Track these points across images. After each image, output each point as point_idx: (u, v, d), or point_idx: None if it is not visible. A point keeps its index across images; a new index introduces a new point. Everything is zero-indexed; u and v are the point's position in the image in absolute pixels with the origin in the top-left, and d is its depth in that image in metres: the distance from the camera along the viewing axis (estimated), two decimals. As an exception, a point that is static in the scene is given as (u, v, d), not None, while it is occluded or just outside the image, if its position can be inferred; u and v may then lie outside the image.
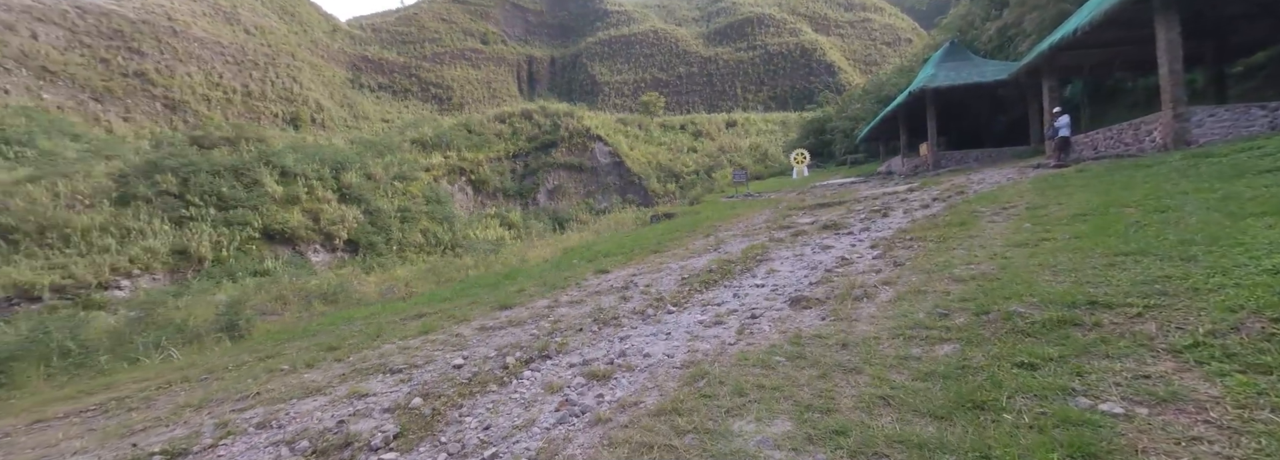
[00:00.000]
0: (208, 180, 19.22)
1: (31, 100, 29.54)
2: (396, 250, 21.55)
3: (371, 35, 54.53)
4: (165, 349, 8.07)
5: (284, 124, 39.84)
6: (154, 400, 4.99)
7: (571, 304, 6.26)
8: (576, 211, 30.13)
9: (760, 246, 7.68)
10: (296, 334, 7.93)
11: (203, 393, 4.87)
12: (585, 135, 33.41)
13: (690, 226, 12.45)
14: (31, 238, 15.99)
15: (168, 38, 36.61)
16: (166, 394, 5.19)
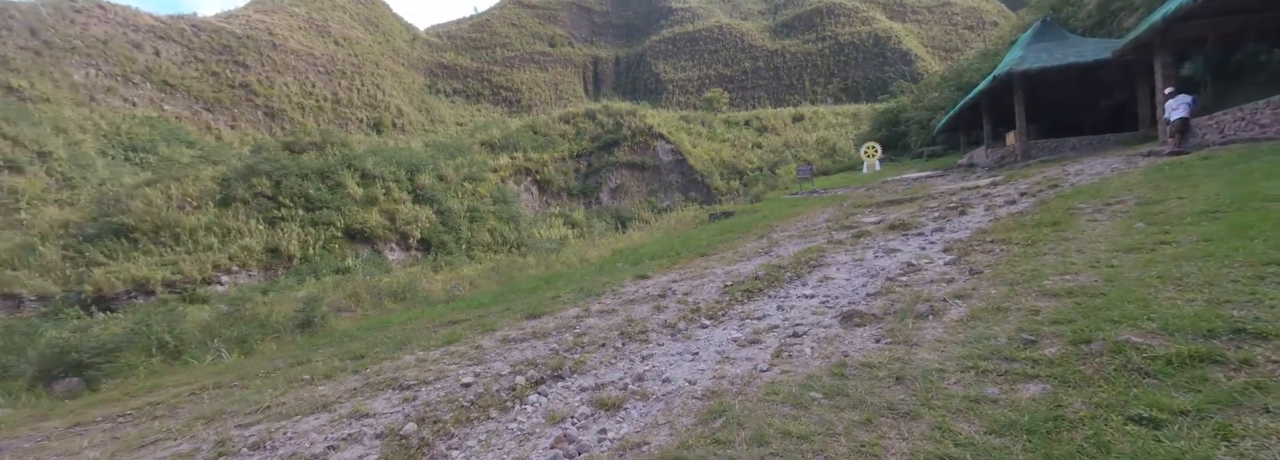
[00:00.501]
0: (297, 183, 20.63)
1: (154, 111, 33.10)
2: (465, 249, 22.25)
3: (447, 42, 57.11)
4: (219, 349, 8.43)
5: (368, 129, 42.44)
6: (179, 408, 5.12)
7: (602, 314, 5.95)
8: (638, 210, 30.02)
9: (816, 249, 7.09)
10: (347, 335, 8.12)
11: (223, 402, 4.91)
12: (647, 133, 33.23)
13: (746, 226, 11.91)
14: (148, 236, 17.78)
15: (268, 51, 39.90)
16: (194, 402, 5.31)
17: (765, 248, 8.29)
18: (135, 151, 29.72)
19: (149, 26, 35.14)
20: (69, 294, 15.83)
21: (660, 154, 34.10)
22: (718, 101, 48.11)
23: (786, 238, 8.99)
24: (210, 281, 16.99)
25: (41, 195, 22.95)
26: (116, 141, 29.50)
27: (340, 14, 48.29)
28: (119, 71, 32.62)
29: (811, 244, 7.69)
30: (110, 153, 28.77)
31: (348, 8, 49.88)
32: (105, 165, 27.64)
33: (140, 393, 6.10)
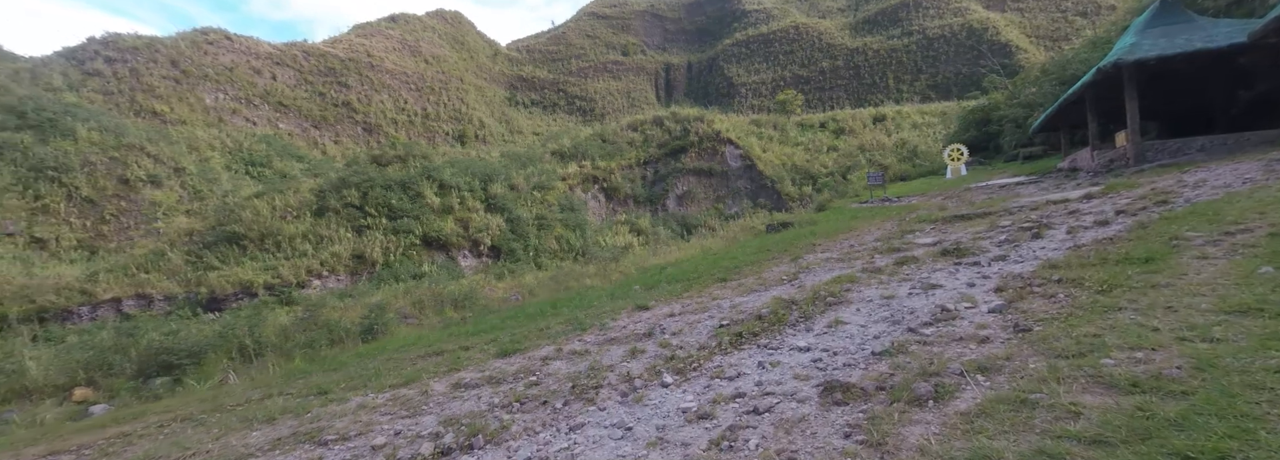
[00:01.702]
0: (381, 193, 22.13)
1: (270, 129, 36.99)
2: (532, 256, 22.84)
3: (526, 56, 59.60)
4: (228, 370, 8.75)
5: (453, 141, 45.04)
6: (139, 442, 5.09)
7: (573, 356, 5.56)
8: (705, 217, 29.55)
9: (846, 279, 6.35)
10: (368, 354, 8.22)
11: (174, 440, 4.86)
12: (715, 139, 32.69)
13: (790, 242, 11.28)
14: (255, 243, 19.74)
15: (367, 71, 43.47)
16: (164, 432, 5.31)
17: (792, 274, 7.62)
18: (254, 166, 33.26)
19: (267, 54, 39.44)
20: (189, 294, 17.88)
21: (728, 159, 33.43)
22: (791, 103, 46.54)
23: (822, 261, 8.25)
24: (304, 285, 18.55)
25: (175, 206, 26.21)
26: (239, 157, 33.21)
27: (430, 34, 51.80)
28: (242, 95, 36.77)
29: (844, 272, 6.88)
30: (233, 167, 32.43)
31: (437, 28, 53.42)
32: (229, 179, 31.18)
33: (127, 419, 6.14)
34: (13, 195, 23.12)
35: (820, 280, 6.71)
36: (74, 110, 28.17)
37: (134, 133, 28.26)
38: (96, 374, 8.32)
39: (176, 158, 28.90)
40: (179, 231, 21.76)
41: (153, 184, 26.72)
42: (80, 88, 30.69)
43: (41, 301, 17.03)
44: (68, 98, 29.30)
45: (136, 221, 25.75)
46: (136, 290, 17.84)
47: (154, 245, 20.99)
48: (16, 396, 7.90)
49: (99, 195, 25.35)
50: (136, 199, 26.11)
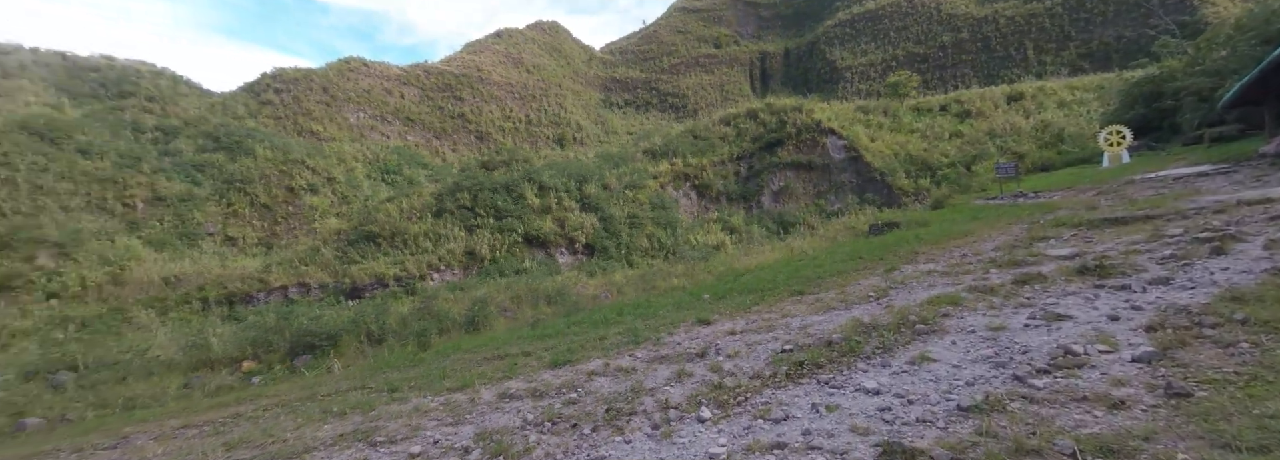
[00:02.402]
0: (489, 196, 24.22)
1: (400, 141, 41.69)
2: (624, 254, 23.71)
3: (619, 58, 61.21)
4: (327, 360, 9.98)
5: (553, 144, 47.65)
6: (243, 424, 5.78)
7: (618, 373, 5.38)
8: (804, 214, 28.59)
9: (947, 301, 5.48)
10: (451, 349, 8.76)
11: (263, 427, 5.42)
12: (815, 129, 31.42)
13: (886, 249, 10.23)
14: (387, 241, 22.58)
15: (478, 84, 47.31)
16: (265, 415, 6.00)
17: (881, 290, 6.83)
18: (387, 173, 37.69)
19: (396, 76, 44.46)
20: (336, 284, 20.91)
21: (830, 151, 31.97)
22: (905, 86, 43.15)
23: (921, 274, 7.28)
24: (425, 278, 20.93)
25: (328, 210, 30.56)
26: (376, 167, 37.85)
27: (531, 45, 55.13)
28: (378, 112, 41.77)
29: (946, 290, 5.96)
30: (372, 176, 37.03)
31: (536, 39, 56.70)
32: (368, 186, 35.68)
33: (231, 403, 7.02)
34: (211, 203, 28.43)
35: (914, 300, 5.87)
36: (253, 133, 33.84)
37: (297, 150, 33.33)
38: (259, 350, 10.28)
39: (329, 169, 33.68)
40: (330, 231, 25.48)
41: (311, 192, 31.37)
42: (257, 115, 36.79)
43: (231, 288, 20.89)
44: (248, 123, 35.26)
45: (300, 223, 30.43)
46: (298, 280, 21.21)
47: (311, 243, 24.77)
48: (203, 365, 10.03)
49: (273, 202, 30.26)
50: (299, 204, 30.84)
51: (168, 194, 26.78)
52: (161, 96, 33.57)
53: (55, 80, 30.62)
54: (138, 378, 9.42)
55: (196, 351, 10.34)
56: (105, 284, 20.85)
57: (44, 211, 21.96)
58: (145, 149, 28.54)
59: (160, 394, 8.63)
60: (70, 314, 19.05)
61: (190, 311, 20.12)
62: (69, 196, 23.39)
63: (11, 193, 21.60)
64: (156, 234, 25.17)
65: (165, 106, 32.66)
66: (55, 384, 9.59)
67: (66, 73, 31.94)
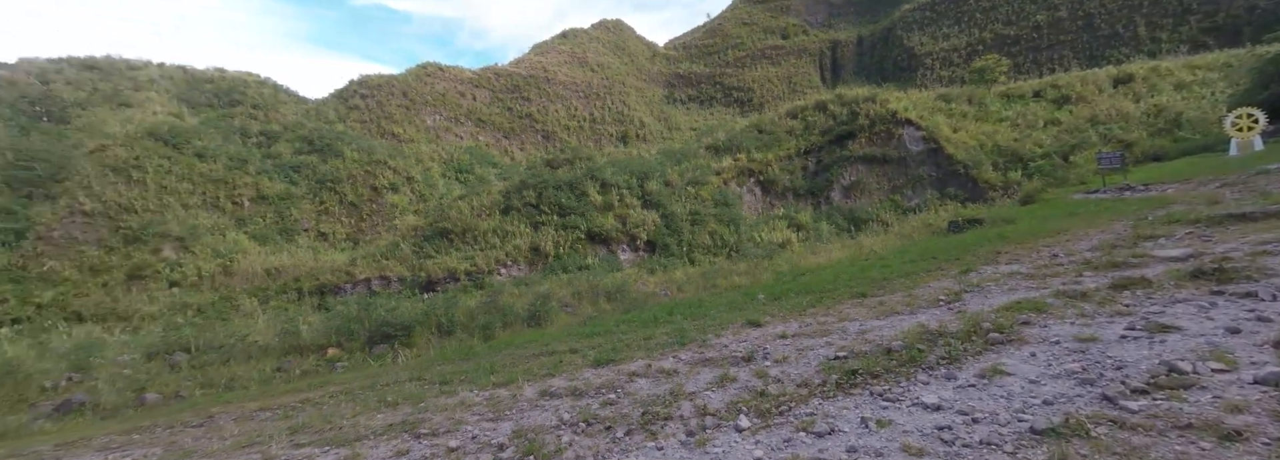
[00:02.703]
0: (553, 193, 24.79)
1: (473, 141, 43.51)
2: (686, 251, 23.55)
3: (682, 53, 60.71)
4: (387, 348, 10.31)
5: (617, 142, 48.06)
6: (310, 409, 6.04)
7: (659, 375, 5.21)
8: (878, 210, 27.20)
9: (1029, 307, 4.94)
10: (511, 343, 9.00)
11: (325, 413, 5.65)
12: (890, 120, 29.80)
13: (964, 248, 9.48)
14: (458, 237, 23.64)
15: (544, 85, 48.51)
16: (329, 402, 6.25)
17: (954, 293, 6.25)
18: (460, 173, 39.45)
19: (469, 79, 46.42)
20: (413, 277, 22.14)
21: (907, 143, 30.21)
22: (992, 71, 39.99)
23: (1002, 276, 6.60)
24: (493, 272, 21.75)
25: (406, 208, 32.42)
26: (450, 166, 39.73)
27: (595, 44, 55.80)
28: (452, 114, 43.80)
29: (1029, 295, 5.38)
30: (447, 175, 38.90)
31: (601, 38, 57.30)
32: (443, 184, 37.53)
33: (303, 389, 7.43)
34: (306, 201, 30.90)
35: (990, 305, 5.31)
36: (342, 137, 36.44)
37: (380, 151, 35.57)
38: (342, 338, 11.03)
39: (408, 169, 35.72)
40: (408, 228, 27.02)
41: (392, 190, 33.39)
42: (346, 119, 39.58)
43: (322, 279, 22.61)
44: (338, 127, 38.01)
45: (382, 220, 32.49)
46: (380, 273, 22.62)
47: (391, 238, 26.38)
48: (294, 350, 10.90)
49: (359, 200, 32.47)
50: (382, 203, 32.90)
51: (269, 193, 29.35)
52: (265, 104, 36.84)
53: (177, 91, 34.36)
54: (238, 360, 10.42)
55: (288, 338, 11.29)
56: (217, 274, 23.18)
57: (168, 209, 24.69)
58: (251, 152, 31.42)
59: (256, 376, 9.49)
60: (188, 301, 21.34)
61: (287, 300, 21.98)
62: (188, 195, 26.16)
63: (142, 193, 24.43)
64: (260, 229, 27.67)
65: (268, 113, 35.81)
66: (172, 363, 10.77)
67: (186, 84, 35.76)
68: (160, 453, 5.09)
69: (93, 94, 30.61)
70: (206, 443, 5.29)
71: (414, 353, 10.66)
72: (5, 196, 21.64)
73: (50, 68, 31.72)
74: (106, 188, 23.79)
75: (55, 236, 21.67)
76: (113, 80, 32.61)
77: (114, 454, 5.18)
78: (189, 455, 4.90)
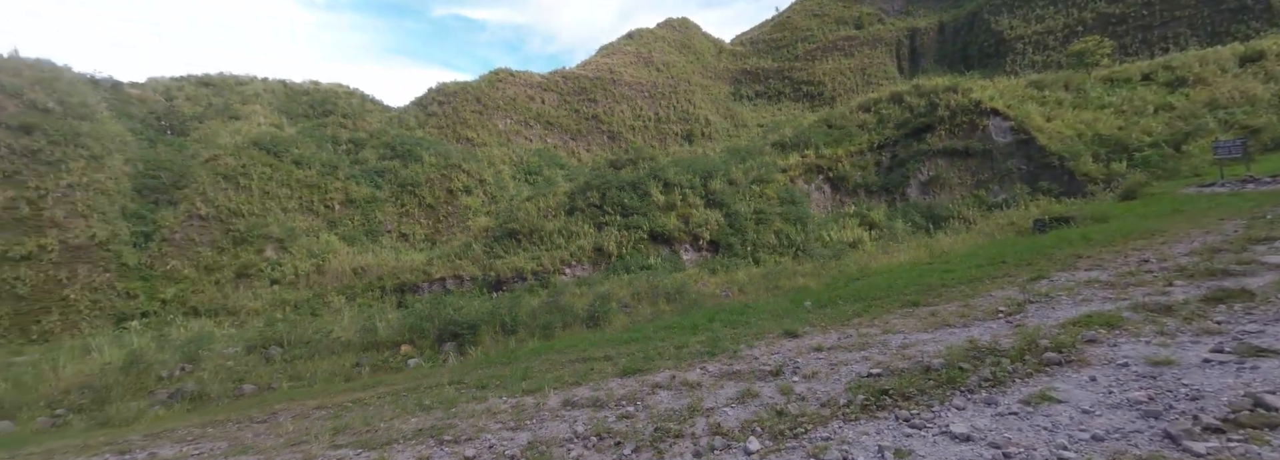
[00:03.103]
0: (616, 194, 24.95)
1: (541, 144, 44.71)
2: (750, 251, 22.97)
3: (749, 48, 59.33)
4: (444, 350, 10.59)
5: (681, 140, 47.75)
6: (358, 409, 6.20)
7: (682, 388, 5.02)
8: (960, 207, 25.31)
9: (1099, 321, 4.34)
10: (569, 345, 8.98)
11: (368, 415, 5.76)
12: (974, 111, 27.69)
13: (1041, 251, 8.59)
14: (525, 237, 24.32)
15: (610, 86, 49.02)
16: (377, 402, 6.38)
17: (1017, 304, 5.65)
18: (529, 175, 40.63)
19: (537, 83, 47.73)
20: (484, 277, 23.00)
21: (993, 134, 27.94)
22: (1093, 54, 36.21)
23: (1077, 285, 5.90)
24: (558, 272, 22.18)
25: (479, 209, 33.78)
26: (520, 168, 41.03)
27: (661, 44, 55.66)
28: (522, 118, 45.21)
29: (1102, 308, 4.78)
30: (516, 177, 40.21)
31: (666, 37, 57.08)
32: (514, 186, 38.82)
33: (355, 389, 7.68)
34: (388, 204, 32.93)
35: (1054, 319, 4.77)
36: (421, 142, 38.54)
37: (455, 155, 37.31)
38: (414, 335, 11.58)
39: (480, 172, 37.25)
40: (480, 229, 28.12)
41: (466, 193, 34.93)
42: (424, 125, 41.83)
43: (402, 278, 23.96)
44: (418, 133, 40.24)
45: (457, 221, 34.06)
46: (454, 272, 23.67)
47: (464, 239, 27.57)
48: (371, 346, 11.56)
49: (436, 202, 34.20)
50: (456, 205, 34.49)
51: (356, 197, 31.50)
52: (353, 113, 39.63)
53: (277, 104, 37.66)
54: (322, 355, 11.20)
55: (367, 334, 12.01)
56: (311, 273, 25.16)
57: (269, 213, 27.07)
58: (340, 159, 33.88)
59: (337, 370, 10.15)
60: (286, 297, 23.29)
61: (371, 298, 23.48)
62: (286, 200, 28.56)
63: (248, 198, 26.93)
64: (348, 231, 29.77)
65: (355, 122, 38.50)
66: (267, 357, 11.74)
67: (286, 97, 39.12)
68: (225, 447, 5.50)
69: (207, 108, 34.15)
70: (263, 439, 5.65)
71: (481, 350, 11.00)
72: (136, 203, 24.53)
73: (173, 85, 35.71)
74: (218, 194, 26.43)
75: (176, 238, 24.33)
76: (224, 95, 36.24)
77: (188, 446, 5.66)
78: (246, 451, 5.25)
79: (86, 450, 5.93)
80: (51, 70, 25.70)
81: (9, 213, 20.44)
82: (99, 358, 11.89)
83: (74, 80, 27.15)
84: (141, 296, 22.11)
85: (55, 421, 8.38)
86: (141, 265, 23.08)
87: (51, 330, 19.25)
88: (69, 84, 25.79)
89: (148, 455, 5.45)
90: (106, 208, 23.22)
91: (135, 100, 32.51)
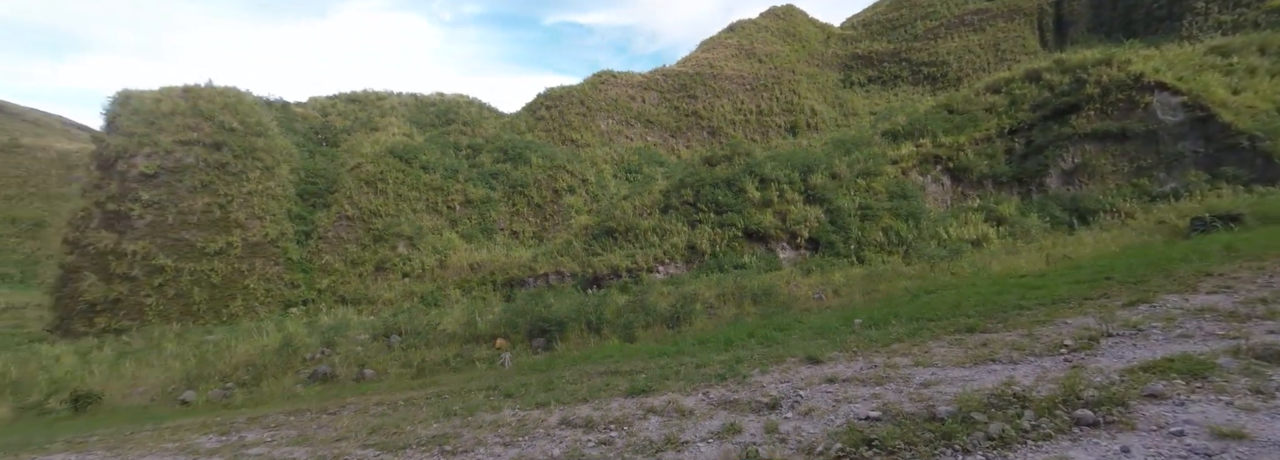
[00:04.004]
0: (710, 191, 24.71)
1: (641, 142, 45.44)
2: (854, 249, 21.63)
3: (861, 32, 55.39)
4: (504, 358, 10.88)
5: (785, 133, 45.98)
6: (403, 410, 6.47)
7: (673, 415, 4.83)
8: (1114, 198, 21.75)
9: (1179, 367, 3.46)
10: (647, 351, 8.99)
11: (401, 417, 5.96)
12: (1132, 86, 23.66)
13: (1165, 263, 7.06)
14: (620, 235, 24.93)
15: (710, 81, 48.50)
16: (422, 402, 6.66)
17: (1090, 337, 4.65)
18: (629, 173, 41.52)
19: (639, 82, 48.51)
20: (583, 273, 23.98)
21: (1158, 113, 23.60)
22: (1312, 6, 29.07)
23: (1177, 316, 4.77)
24: (652, 270, 22.50)
25: (581, 208, 35.21)
26: (621, 167, 42.08)
27: (764, 34, 53.85)
28: (623, 118, 46.27)
29: (1193, 349, 3.84)
30: (617, 175, 41.30)
31: (769, 26, 55.09)
32: (615, 185, 39.94)
33: (414, 388, 8.18)
34: (501, 204, 35.46)
35: (1127, 361, 3.95)
36: (530, 145, 40.96)
37: (560, 157, 39.19)
38: (508, 330, 12.43)
39: (583, 172, 38.80)
40: (580, 227, 29.31)
41: (569, 193, 36.57)
42: (533, 129, 44.37)
43: (511, 273, 25.71)
44: (527, 137, 42.81)
45: (561, 220, 35.80)
46: (555, 269, 24.95)
47: (566, 237, 28.92)
48: (472, 339, 12.60)
49: (543, 202, 36.21)
50: (561, 204, 36.24)
51: (474, 197, 34.27)
52: (471, 121, 43.08)
53: (409, 115, 42.01)
54: (431, 345, 12.44)
55: (468, 328, 13.11)
56: (434, 267, 27.86)
57: (402, 213, 30.35)
58: (460, 163, 37.03)
59: (439, 360, 11.22)
60: (414, 289, 26.03)
61: (485, 291, 25.49)
62: (416, 201, 31.83)
63: (384, 200, 30.40)
64: (466, 229, 32.50)
65: (474, 128, 41.82)
66: (389, 344, 13.28)
67: (416, 108, 43.52)
68: (293, 436, 6.31)
69: (354, 122, 39.02)
70: (322, 432, 6.39)
71: (566, 346, 11.53)
72: (298, 206, 28.74)
73: (327, 103, 41.25)
74: (361, 197, 30.14)
75: (329, 236, 28.15)
76: (367, 110, 41.16)
77: (269, 433, 6.60)
78: (306, 441, 5.95)
79: (203, 428, 7.17)
80: (236, 95, 30.88)
81: (206, 216, 24.98)
82: (262, 340, 14.21)
83: (253, 103, 32.39)
84: (303, 286, 25.94)
85: (225, 393, 10.23)
86: (303, 259, 27.06)
87: (236, 313, 23.28)
88: (249, 107, 30.83)
89: (238, 438, 6.47)
90: (276, 210, 27.50)
91: (299, 117, 38.05)
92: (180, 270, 23.94)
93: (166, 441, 6.74)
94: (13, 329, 27.90)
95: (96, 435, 7.58)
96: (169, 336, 18.33)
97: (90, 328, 21.98)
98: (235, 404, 9.01)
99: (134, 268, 23.45)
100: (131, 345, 17.42)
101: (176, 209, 24.98)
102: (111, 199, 24.29)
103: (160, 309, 23.06)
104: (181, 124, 26.81)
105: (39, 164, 53.30)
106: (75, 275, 23.19)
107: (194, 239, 24.71)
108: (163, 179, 25.19)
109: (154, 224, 24.44)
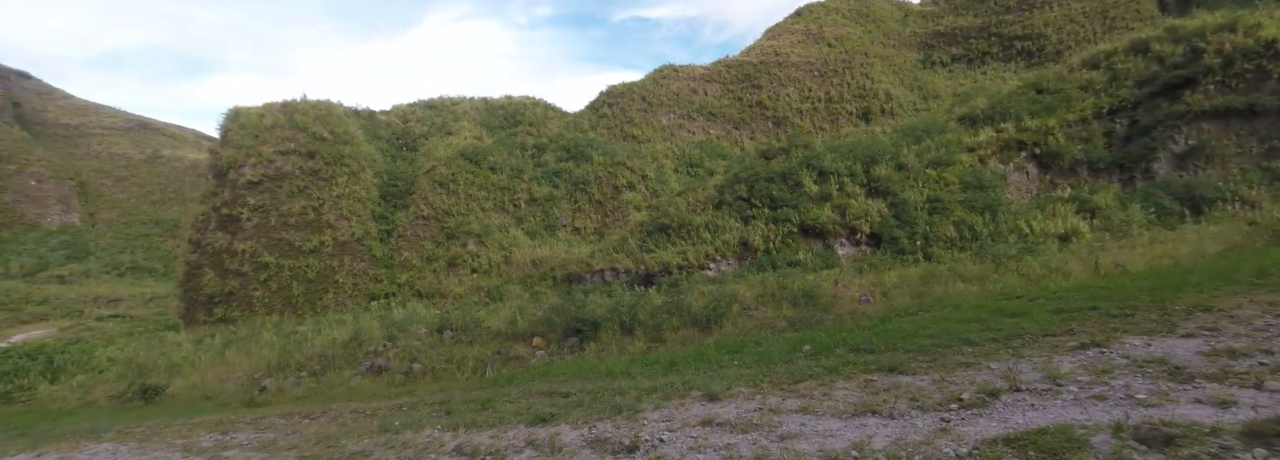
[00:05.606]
0: (764, 186, 24.07)
1: (704, 136, 44.92)
2: (920, 246, 20.31)
3: (944, 6, 51.15)
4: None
5: (857, 119, 43.65)
6: (401, 413, 6.77)
7: (543, 451, 4.72)
8: (1237, 185, 18.86)
9: (1044, 444, 3.03)
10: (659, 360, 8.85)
11: (361, 425, 6.25)
12: (1263, 54, 20.36)
13: (1180, 287, 5.97)
14: (674, 232, 24.92)
15: (775, 70, 46.97)
16: (422, 407, 6.95)
17: (989, 392, 4.09)
18: (691, 167, 41.27)
19: (701, 75, 47.89)
20: (636, 270, 24.27)
21: (1304, 82, 20.01)
22: None
23: (1110, 369, 4.15)
24: (703, 267, 22.36)
25: (639, 204, 35.50)
26: (682, 162, 41.91)
27: (833, 16, 51.21)
28: (685, 112, 45.95)
29: (1073, 419, 3.34)
30: (678, 170, 41.19)
31: (839, 7, 52.27)
32: (675, 180, 39.87)
33: (405, 394, 8.55)
34: (564, 202, 36.52)
35: (1002, 427, 3.46)
36: (592, 143, 41.76)
37: (620, 153, 39.67)
38: (545, 329, 12.90)
39: (643, 168, 39.05)
40: (636, 223, 29.63)
41: (629, 189, 36.98)
42: (595, 127, 45.15)
43: (570, 269, 26.51)
44: (589, 135, 43.64)
45: (620, 216, 36.32)
46: (611, 265, 25.45)
47: (622, 233, 29.34)
48: (513, 337, 13.21)
49: (603, 198, 36.89)
50: (620, 200, 36.75)
51: (538, 196, 35.53)
52: (537, 121, 44.56)
53: (479, 118, 44.15)
54: (473, 343, 13.19)
55: (511, 326, 13.76)
56: (500, 263, 29.29)
57: (471, 212, 32.08)
58: (525, 162, 38.48)
59: (478, 357, 11.89)
60: (481, 284, 27.51)
61: (546, 287, 26.48)
62: (484, 200, 33.51)
63: (456, 200, 32.26)
64: (531, 226, 33.81)
65: (538, 129, 43.25)
66: (442, 339, 14.21)
67: (486, 112, 45.64)
68: (282, 438, 6.91)
69: (430, 127, 41.60)
70: (285, 439, 6.96)
71: (598, 346, 11.82)
72: (381, 207, 31.16)
73: (408, 111, 44.23)
74: (435, 197, 32.17)
75: (407, 234, 30.34)
76: (442, 115, 43.72)
77: (269, 434, 7.29)
78: (266, 447, 6.42)
79: (220, 425, 8.07)
80: (326, 107, 33.90)
81: (302, 218, 27.74)
82: (339, 331, 15.70)
83: (341, 113, 35.42)
84: (385, 281, 28.20)
85: (297, 382, 11.47)
86: (385, 256, 29.38)
87: (328, 305, 25.76)
88: (338, 117, 33.75)
89: (231, 438, 7.22)
90: (361, 212, 30.02)
91: (382, 124, 41.13)
92: (282, 267, 26.84)
93: (178, 438, 7.73)
94: (156, 315, 32.59)
95: (143, 426, 8.81)
96: (268, 327, 20.68)
97: (209, 317, 25.29)
98: (291, 396, 10.11)
99: (244, 265, 26.59)
100: (237, 334, 19.86)
101: (278, 212, 27.97)
102: (225, 204, 27.61)
103: (265, 301, 26.03)
104: (280, 136, 29.89)
105: (175, 172, 61.47)
106: (197, 271, 26.67)
107: (292, 238, 27.58)
108: (266, 185, 28.27)
109: (259, 225, 27.53)
